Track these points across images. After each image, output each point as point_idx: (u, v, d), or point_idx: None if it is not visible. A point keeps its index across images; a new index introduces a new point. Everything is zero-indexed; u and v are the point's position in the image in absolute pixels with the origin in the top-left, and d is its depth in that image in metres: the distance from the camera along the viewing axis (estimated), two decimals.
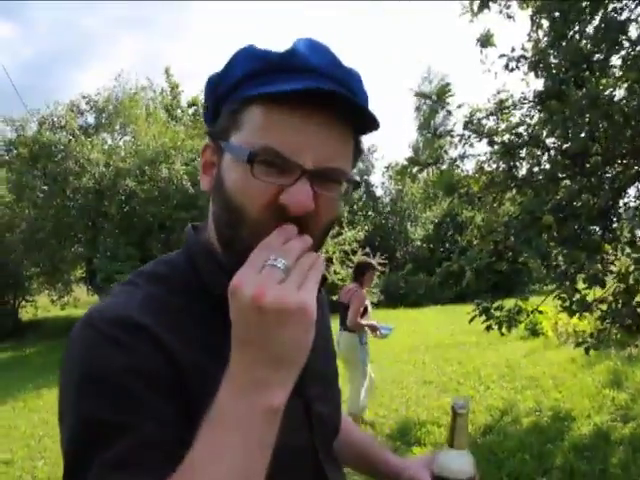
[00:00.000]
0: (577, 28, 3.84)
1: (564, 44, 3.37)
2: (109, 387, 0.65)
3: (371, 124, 0.73)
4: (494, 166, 4.29)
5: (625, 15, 3.60)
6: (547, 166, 3.27)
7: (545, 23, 4.44)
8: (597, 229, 3.08)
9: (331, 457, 0.90)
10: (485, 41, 3.94)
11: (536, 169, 3.29)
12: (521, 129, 3.44)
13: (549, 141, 3.26)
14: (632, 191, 3.89)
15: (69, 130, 14.38)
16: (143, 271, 0.81)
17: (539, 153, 3.89)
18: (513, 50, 3.48)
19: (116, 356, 0.66)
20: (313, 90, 0.65)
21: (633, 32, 3.53)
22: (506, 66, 3.50)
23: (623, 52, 3.49)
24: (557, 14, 4.07)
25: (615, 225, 3.64)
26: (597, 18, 3.46)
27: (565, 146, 3.01)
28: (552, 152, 3.22)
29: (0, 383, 9.02)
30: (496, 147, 3.27)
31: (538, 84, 5.49)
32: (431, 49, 56.90)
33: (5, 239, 16.11)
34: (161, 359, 0.68)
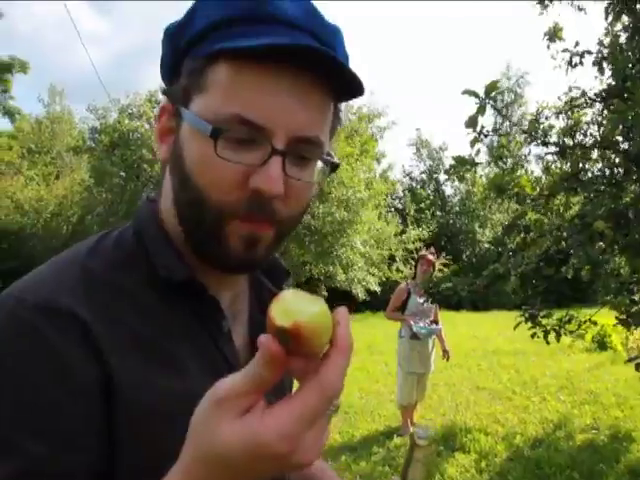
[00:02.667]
0: None
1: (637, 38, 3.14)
2: (14, 394, 0.54)
3: (354, 87, 0.63)
4: (561, 167, 4.08)
5: None
6: (606, 169, 3.06)
7: (624, 17, 4.15)
8: None
9: None
10: (553, 35, 3.74)
11: (597, 172, 3.09)
12: (578, 128, 3.24)
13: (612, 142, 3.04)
14: None
15: (146, 119, 15.03)
16: (84, 243, 0.68)
17: (607, 155, 3.66)
18: (577, 44, 3.28)
19: (31, 353, 0.55)
20: (285, 46, 0.57)
21: None
22: (569, 62, 3.30)
23: None
24: (639, 6, 3.79)
25: None
26: None
27: (626, 147, 2.80)
28: (611, 153, 3.01)
29: None
30: (551, 148, 3.09)
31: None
32: (512, 44, 54.81)
33: (85, 220, 17.12)
34: (88, 361, 0.56)
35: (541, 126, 3.13)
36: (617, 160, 2.97)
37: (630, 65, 2.89)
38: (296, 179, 0.62)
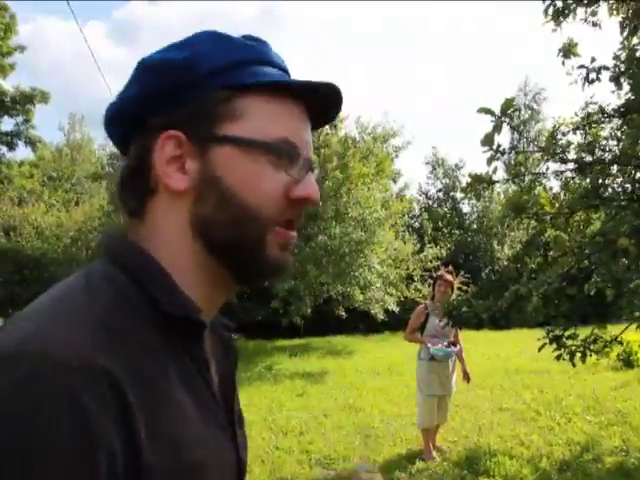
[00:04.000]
0: None
1: None
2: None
3: (330, 118, 0.76)
4: (580, 183, 4.03)
5: None
6: (627, 185, 3.01)
7: None
8: None
9: None
10: (567, 51, 3.72)
11: (618, 188, 3.04)
12: (597, 144, 3.19)
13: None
14: None
15: None
16: (74, 287, 0.61)
17: (628, 170, 3.60)
18: (593, 60, 3.25)
19: (73, 433, 0.47)
20: (324, 86, 0.68)
21: None
22: (586, 77, 3.27)
23: None
24: None
25: None
26: None
27: None
28: (632, 168, 2.95)
29: None
30: (570, 165, 3.05)
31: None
32: (530, 59, 54.65)
33: None
34: (123, 433, 0.50)
35: (559, 142, 3.09)
36: (638, 175, 2.92)
37: None
38: None
